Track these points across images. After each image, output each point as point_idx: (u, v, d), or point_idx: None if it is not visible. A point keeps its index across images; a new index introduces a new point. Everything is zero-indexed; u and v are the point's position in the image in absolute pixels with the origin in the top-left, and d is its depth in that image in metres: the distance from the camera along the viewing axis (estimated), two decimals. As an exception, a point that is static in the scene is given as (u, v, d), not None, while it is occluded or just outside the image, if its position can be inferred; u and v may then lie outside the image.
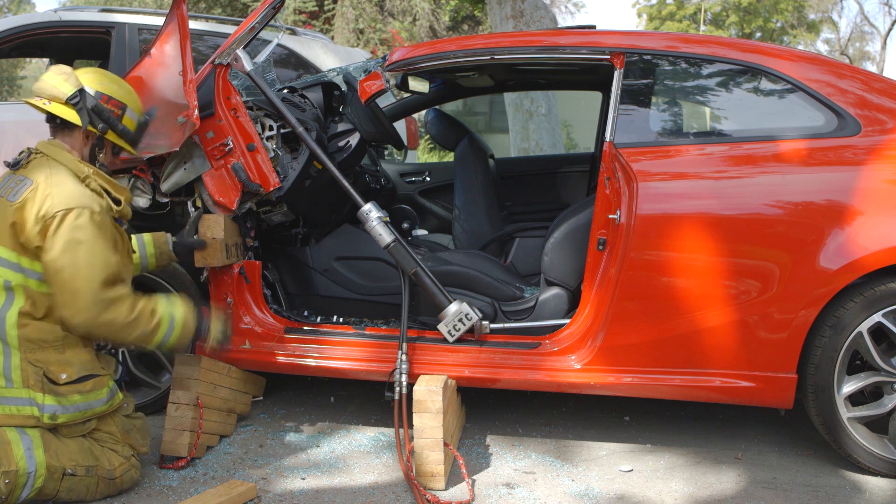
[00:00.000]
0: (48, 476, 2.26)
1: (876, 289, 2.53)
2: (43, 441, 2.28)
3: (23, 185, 2.33)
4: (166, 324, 2.44)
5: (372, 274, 3.25)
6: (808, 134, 2.64)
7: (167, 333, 2.45)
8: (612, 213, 2.68)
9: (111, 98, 2.52)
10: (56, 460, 2.28)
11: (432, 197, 4.31)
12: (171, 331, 2.46)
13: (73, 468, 2.30)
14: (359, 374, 2.92)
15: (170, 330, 2.45)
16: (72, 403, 2.32)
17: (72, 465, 2.30)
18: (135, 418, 2.56)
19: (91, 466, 2.34)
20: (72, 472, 2.30)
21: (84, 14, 4.66)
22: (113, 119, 2.49)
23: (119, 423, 2.47)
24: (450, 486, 2.55)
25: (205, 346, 2.62)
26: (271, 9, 2.92)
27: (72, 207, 2.29)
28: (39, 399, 2.28)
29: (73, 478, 2.31)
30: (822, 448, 2.86)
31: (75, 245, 2.27)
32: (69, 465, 2.30)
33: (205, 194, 2.92)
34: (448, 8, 17.61)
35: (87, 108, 2.42)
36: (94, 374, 2.38)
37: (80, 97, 2.42)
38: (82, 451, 2.35)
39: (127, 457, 2.45)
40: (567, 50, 2.87)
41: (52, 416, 2.29)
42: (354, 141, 3.31)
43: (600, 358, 2.69)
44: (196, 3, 15.71)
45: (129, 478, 2.45)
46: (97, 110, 2.44)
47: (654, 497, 2.51)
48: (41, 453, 2.25)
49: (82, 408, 2.34)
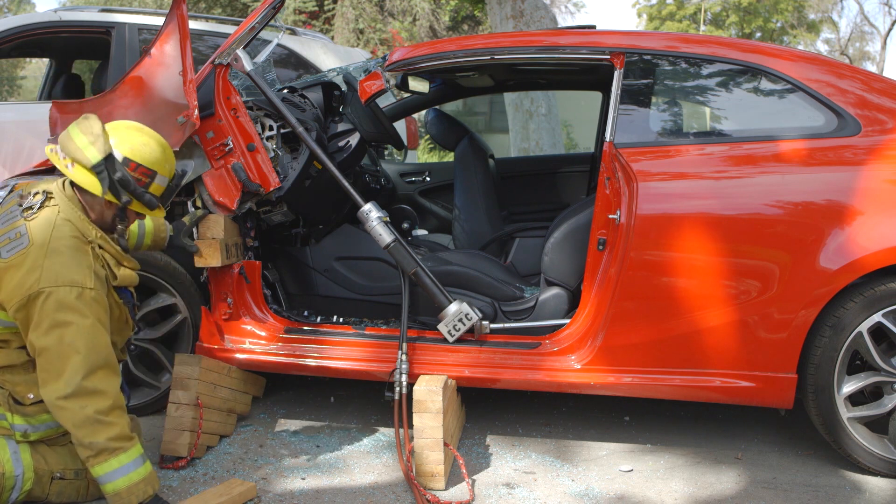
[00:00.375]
0: (36, 479, 2.24)
1: (876, 289, 2.53)
2: (30, 445, 2.26)
3: (19, 244, 2.18)
4: (126, 460, 2.17)
5: (372, 274, 3.25)
6: (808, 134, 2.64)
7: (117, 471, 2.16)
8: (612, 213, 2.68)
9: (140, 166, 2.31)
10: (44, 464, 2.26)
11: (432, 197, 4.31)
12: (123, 472, 2.17)
13: (61, 472, 2.28)
14: (359, 374, 2.92)
15: (122, 470, 2.17)
16: (41, 422, 2.28)
17: (60, 469, 2.29)
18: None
19: (80, 470, 2.32)
20: (60, 476, 2.28)
21: (84, 14, 4.66)
22: (139, 190, 2.30)
23: None
24: (450, 486, 2.55)
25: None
26: (271, 9, 2.92)
27: (62, 285, 2.14)
28: (9, 418, 2.25)
29: (62, 481, 2.29)
30: (822, 448, 2.86)
31: (63, 326, 2.13)
32: (57, 468, 2.28)
33: (205, 194, 2.92)
34: (448, 8, 17.61)
35: (111, 179, 2.24)
36: None
37: (105, 167, 2.23)
38: (71, 455, 2.31)
39: None
40: (567, 50, 2.87)
41: (24, 434, 2.26)
42: (354, 141, 3.31)
43: (600, 358, 2.69)
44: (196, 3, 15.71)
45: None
46: (123, 182, 2.25)
47: (654, 497, 2.51)
48: (28, 456, 2.24)
49: (52, 425, 2.29)
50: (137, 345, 3.03)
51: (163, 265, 3.02)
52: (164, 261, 3.03)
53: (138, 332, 3.02)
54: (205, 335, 2.98)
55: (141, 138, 2.35)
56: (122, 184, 2.26)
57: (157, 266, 3.01)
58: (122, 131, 2.34)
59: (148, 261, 3.00)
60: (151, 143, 2.36)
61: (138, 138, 2.35)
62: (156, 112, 2.93)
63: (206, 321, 2.97)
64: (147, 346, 3.05)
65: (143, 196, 2.32)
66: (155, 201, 2.36)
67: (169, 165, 2.42)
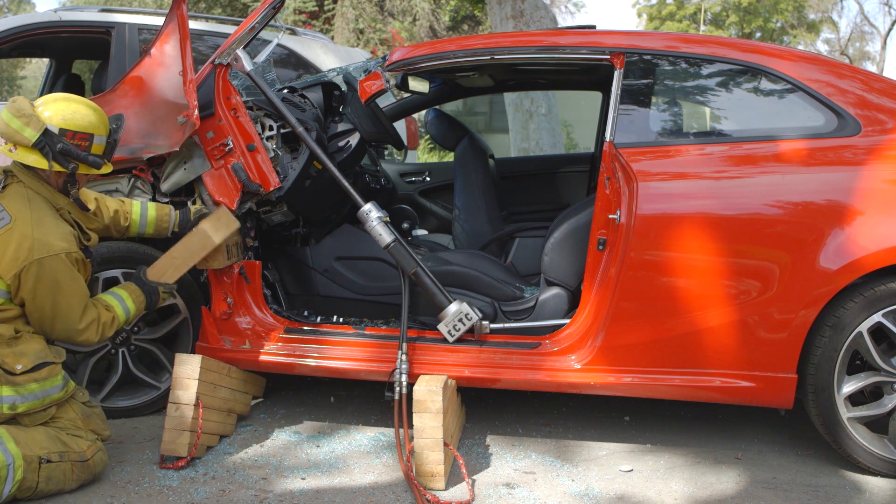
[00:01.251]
0: (26, 466, 2.30)
1: (876, 289, 2.53)
2: (11, 435, 2.32)
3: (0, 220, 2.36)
4: (122, 314, 2.60)
5: (372, 274, 3.25)
6: (808, 134, 2.64)
7: (125, 317, 2.62)
8: (612, 213, 2.68)
9: (76, 133, 2.46)
10: (29, 450, 2.32)
11: (432, 197, 4.31)
12: (127, 314, 2.63)
13: (47, 454, 2.35)
14: (359, 374, 2.92)
15: (126, 314, 2.62)
16: (30, 392, 2.37)
17: (45, 452, 2.35)
18: (92, 406, 2.61)
19: (63, 451, 2.39)
20: (47, 459, 2.34)
21: (84, 14, 4.67)
22: (81, 155, 2.45)
23: (78, 410, 2.52)
24: (450, 486, 2.55)
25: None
26: (271, 9, 2.92)
27: (54, 253, 2.36)
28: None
29: (49, 465, 2.35)
30: (822, 448, 2.86)
31: (56, 288, 2.38)
32: (42, 452, 2.34)
33: (205, 194, 2.93)
34: (448, 8, 17.61)
35: (53, 152, 2.40)
36: (48, 362, 2.42)
37: (45, 142, 2.39)
38: (50, 438, 2.39)
39: (93, 440, 2.50)
40: (567, 50, 2.87)
41: (12, 406, 2.35)
42: (354, 141, 3.31)
43: (600, 358, 2.69)
44: (196, 3, 15.71)
45: (99, 459, 2.50)
46: (65, 152, 2.42)
47: (654, 497, 2.51)
48: (14, 445, 2.30)
49: (40, 395, 2.39)
50: (137, 345, 3.04)
51: (163, 265, 3.02)
52: (164, 261, 3.03)
53: (139, 331, 3.03)
54: (205, 335, 2.99)
55: (70, 106, 2.49)
56: (64, 153, 2.42)
57: (157, 266, 3.01)
58: (51, 105, 2.47)
59: (148, 261, 3.00)
60: (81, 109, 2.50)
61: (68, 107, 2.48)
62: (156, 112, 2.94)
63: (206, 321, 2.97)
64: (147, 346, 3.05)
65: (87, 159, 2.48)
66: (99, 161, 2.52)
67: (103, 125, 2.55)
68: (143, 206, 2.85)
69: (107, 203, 2.76)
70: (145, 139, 2.90)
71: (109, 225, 2.76)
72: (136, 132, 2.91)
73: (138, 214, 2.83)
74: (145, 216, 2.84)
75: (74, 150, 2.44)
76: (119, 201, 2.82)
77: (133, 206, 2.83)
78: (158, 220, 2.86)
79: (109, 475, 2.58)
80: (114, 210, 2.77)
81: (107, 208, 2.75)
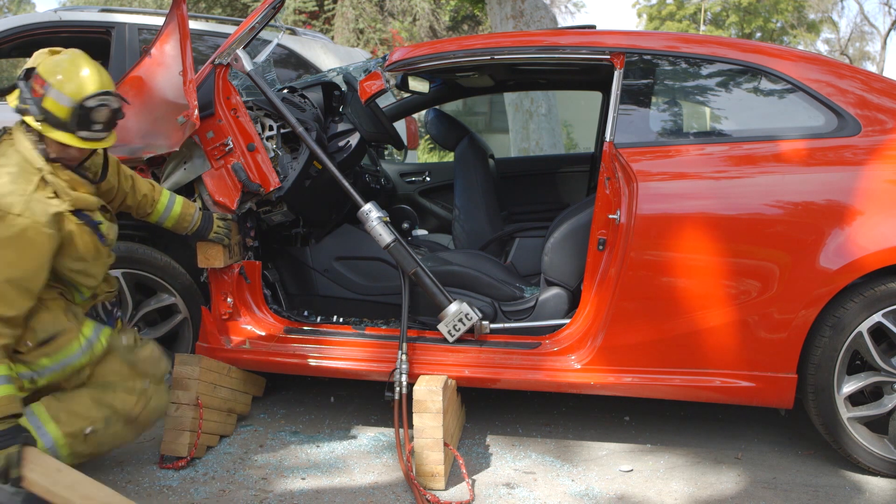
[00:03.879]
0: (72, 441, 2.27)
1: (876, 289, 2.53)
2: (51, 414, 2.27)
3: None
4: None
5: (372, 274, 3.25)
6: (808, 134, 2.64)
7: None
8: (612, 213, 2.68)
9: (38, 76, 2.20)
10: (70, 426, 2.28)
11: (432, 197, 4.32)
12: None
13: (90, 425, 2.30)
14: (359, 374, 2.92)
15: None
16: (42, 367, 2.28)
17: (88, 423, 2.30)
18: (140, 349, 2.51)
19: (108, 417, 2.35)
20: (92, 430, 2.31)
21: (84, 14, 4.67)
22: (29, 100, 2.19)
23: (120, 362, 2.44)
24: (450, 486, 2.55)
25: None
26: (271, 9, 2.92)
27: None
28: (14, 368, 2.24)
29: (96, 434, 2.32)
30: (822, 448, 2.86)
31: None
32: (84, 424, 2.29)
33: (205, 194, 2.93)
34: (448, 8, 17.61)
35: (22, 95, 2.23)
36: (57, 334, 2.29)
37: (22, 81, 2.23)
38: (94, 403, 2.34)
39: (141, 391, 2.42)
40: (567, 50, 2.87)
41: (32, 381, 2.28)
42: (354, 141, 3.31)
43: (600, 358, 2.69)
44: (196, 3, 15.71)
45: (151, 409, 2.44)
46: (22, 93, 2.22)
47: (654, 497, 2.51)
48: (53, 427, 2.26)
49: (56, 368, 2.31)
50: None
51: (163, 265, 3.03)
52: (165, 261, 3.04)
53: (138, 331, 3.03)
54: (205, 335, 2.99)
55: (59, 55, 2.26)
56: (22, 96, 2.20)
57: (157, 266, 3.02)
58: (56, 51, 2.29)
59: (148, 261, 3.00)
60: (63, 59, 2.24)
61: (56, 54, 2.26)
62: (156, 112, 2.94)
63: (206, 321, 2.97)
64: (147, 346, 3.05)
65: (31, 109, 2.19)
66: (54, 117, 2.19)
67: (74, 85, 2.21)
68: (171, 198, 2.77)
69: (139, 185, 2.68)
70: (145, 139, 2.89)
71: (132, 206, 2.68)
72: (136, 132, 2.91)
73: (164, 206, 2.75)
74: (170, 209, 2.76)
75: (28, 91, 2.20)
76: (150, 185, 2.73)
77: (161, 196, 2.75)
78: (181, 217, 2.79)
79: (109, 475, 2.58)
80: (142, 194, 2.69)
81: (138, 190, 2.67)
